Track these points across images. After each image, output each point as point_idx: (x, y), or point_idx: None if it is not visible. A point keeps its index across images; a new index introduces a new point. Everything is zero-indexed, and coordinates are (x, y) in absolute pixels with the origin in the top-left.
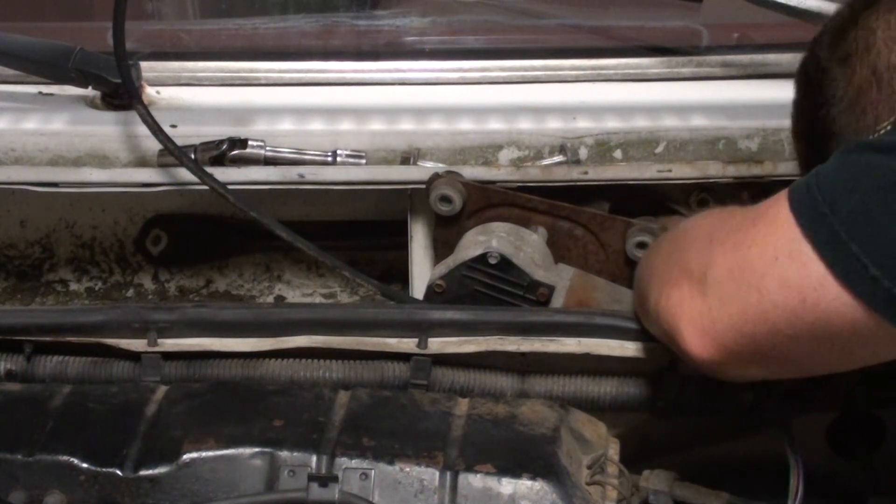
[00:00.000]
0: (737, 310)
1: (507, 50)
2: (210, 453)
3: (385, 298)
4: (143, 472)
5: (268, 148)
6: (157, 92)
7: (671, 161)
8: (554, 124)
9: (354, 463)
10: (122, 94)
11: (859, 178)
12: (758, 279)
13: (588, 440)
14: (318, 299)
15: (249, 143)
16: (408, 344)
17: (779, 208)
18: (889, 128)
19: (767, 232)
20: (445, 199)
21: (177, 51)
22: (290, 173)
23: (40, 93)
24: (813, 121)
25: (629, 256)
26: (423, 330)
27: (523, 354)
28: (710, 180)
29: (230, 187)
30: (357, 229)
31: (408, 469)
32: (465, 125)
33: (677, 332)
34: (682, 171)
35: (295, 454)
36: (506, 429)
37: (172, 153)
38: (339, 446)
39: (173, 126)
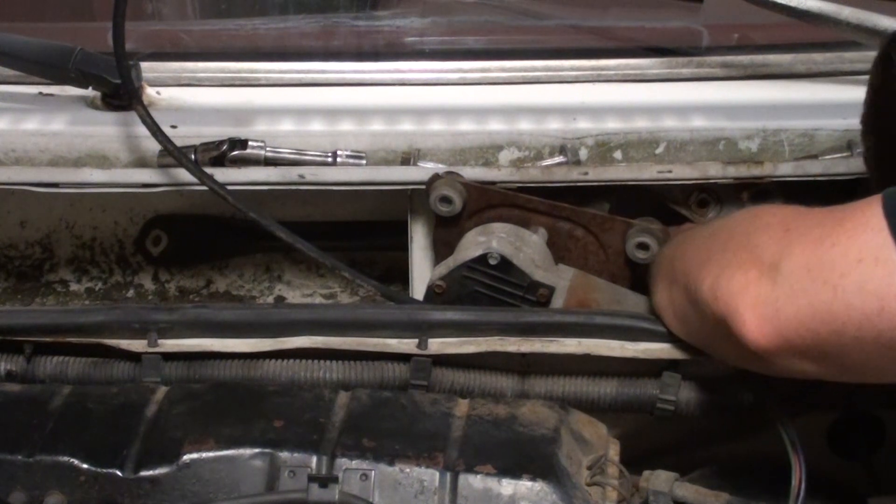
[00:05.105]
0: (806, 304)
1: (507, 50)
2: (210, 454)
3: (385, 299)
4: (143, 473)
5: (268, 148)
6: (158, 92)
7: (671, 162)
8: (554, 125)
9: (355, 464)
10: (122, 95)
11: None
12: (836, 278)
13: (588, 441)
14: (318, 300)
15: (249, 143)
16: (408, 344)
17: (871, 211)
18: None
19: (854, 234)
20: (445, 200)
21: (177, 51)
22: (291, 174)
23: (40, 93)
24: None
25: (629, 257)
26: (423, 330)
27: (523, 355)
28: (710, 181)
29: (230, 188)
30: (357, 230)
31: (408, 470)
32: (466, 126)
33: (736, 314)
34: (682, 172)
35: (295, 455)
36: (506, 430)
37: (172, 154)
38: (340, 447)
39: (173, 127)
